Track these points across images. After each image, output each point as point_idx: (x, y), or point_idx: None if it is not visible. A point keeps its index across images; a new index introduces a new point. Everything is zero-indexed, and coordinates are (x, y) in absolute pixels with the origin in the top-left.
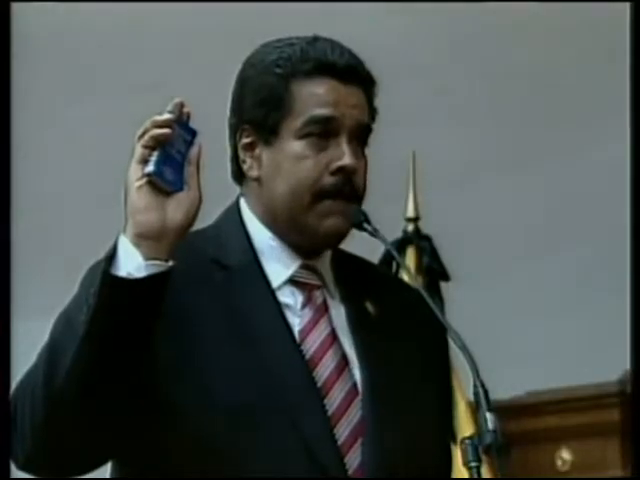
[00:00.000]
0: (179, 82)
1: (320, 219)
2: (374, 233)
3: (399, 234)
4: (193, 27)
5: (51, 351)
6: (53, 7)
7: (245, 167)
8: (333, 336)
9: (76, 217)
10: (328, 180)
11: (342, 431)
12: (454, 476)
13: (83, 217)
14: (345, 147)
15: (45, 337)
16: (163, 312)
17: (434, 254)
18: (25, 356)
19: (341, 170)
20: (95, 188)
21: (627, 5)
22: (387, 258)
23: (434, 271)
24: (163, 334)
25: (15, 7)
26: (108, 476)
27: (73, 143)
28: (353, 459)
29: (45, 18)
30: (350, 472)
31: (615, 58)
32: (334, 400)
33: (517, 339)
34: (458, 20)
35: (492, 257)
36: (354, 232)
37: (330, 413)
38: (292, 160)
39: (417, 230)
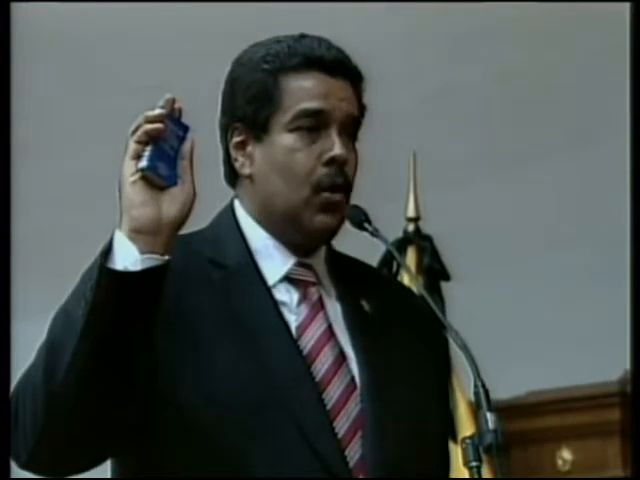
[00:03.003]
0: (180, 82)
1: (314, 214)
2: (374, 233)
3: (400, 234)
4: (193, 27)
5: (50, 347)
6: (53, 7)
7: (237, 165)
8: (330, 331)
9: (76, 217)
10: (322, 171)
11: (342, 424)
12: (454, 475)
13: (83, 217)
14: (335, 138)
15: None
16: (162, 312)
17: (435, 254)
18: (25, 356)
19: (333, 161)
20: (95, 188)
21: (627, 5)
22: (388, 258)
23: (435, 271)
24: (163, 334)
25: (15, 7)
26: (109, 476)
27: (73, 143)
28: (353, 452)
29: (45, 18)
30: (351, 465)
31: (615, 58)
32: (332, 394)
33: (517, 339)
34: (458, 20)
35: (492, 257)
36: (354, 232)
37: (329, 407)
38: (284, 154)
39: (418, 230)
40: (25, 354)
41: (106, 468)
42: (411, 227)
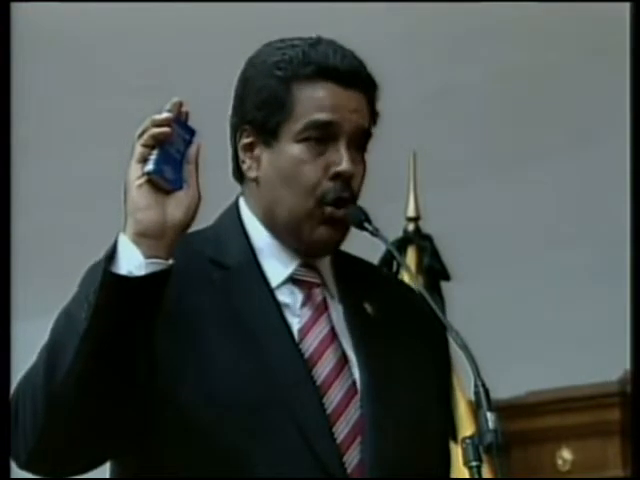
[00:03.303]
0: (180, 82)
1: (316, 226)
2: (375, 233)
3: (400, 234)
4: (193, 27)
5: (51, 349)
6: (53, 7)
7: (244, 167)
8: (332, 334)
9: (76, 217)
10: (327, 185)
11: (341, 429)
12: (454, 476)
13: (83, 217)
14: (344, 152)
15: (45, 337)
16: (164, 313)
17: (435, 253)
18: (25, 356)
19: (339, 175)
20: (95, 188)
21: (627, 5)
22: (388, 258)
23: (435, 270)
24: (164, 334)
25: (15, 7)
26: (108, 476)
27: (73, 143)
28: (352, 457)
29: (45, 18)
30: (349, 470)
31: (615, 58)
32: (333, 398)
33: (517, 339)
34: (458, 20)
35: (492, 256)
36: (354, 232)
37: (329, 411)
38: (291, 164)
39: (418, 229)
40: (25, 354)
41: (106, 468)
42: (411, 227)
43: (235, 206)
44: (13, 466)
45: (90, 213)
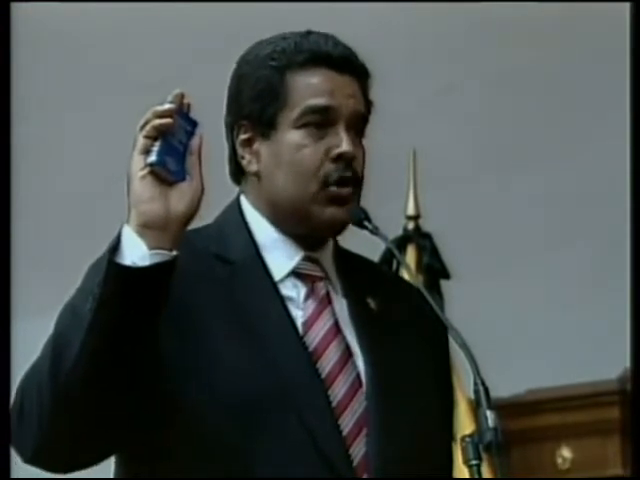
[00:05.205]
0: (180, 81)
1: (323, 207)
2: (374, 231)
3: (399, 232)
4: (194, 26)
5: (57, 342)
6: (53, 7)
7: (244, 163)
8: (336, 327)
9: (76, 217)
10: (329, 167)
11: (346, 422)
12: (454, 472)
13: (83, 217)
14: (343, 134)
15: (45, 336)
16: (168, 308)
17: (434, 252)
18: (25, 356)
19: (340, 157)
20: (95, 188)
21: (627, 5)
22: (387, 256)
23: (434, 269)
24: (167, 330)
25: (15, 7)
26: (112, 475)
27: (73, 143)
28: (357, 450)
29: (45, 18)
30: (355, 463)
31: (615, 58)
32: (338, 391)
33: (517, 337)
34: (458, 20)
35: (492, 255)
36: (354, 230)
37: (334, 404)
38: (291, 150)
39: (417, 228)
40: (25, 354)
41: (109, 469)
42: (411, 225)
43: (237, 203)
44: (13, 465)
45: (90, 212)
